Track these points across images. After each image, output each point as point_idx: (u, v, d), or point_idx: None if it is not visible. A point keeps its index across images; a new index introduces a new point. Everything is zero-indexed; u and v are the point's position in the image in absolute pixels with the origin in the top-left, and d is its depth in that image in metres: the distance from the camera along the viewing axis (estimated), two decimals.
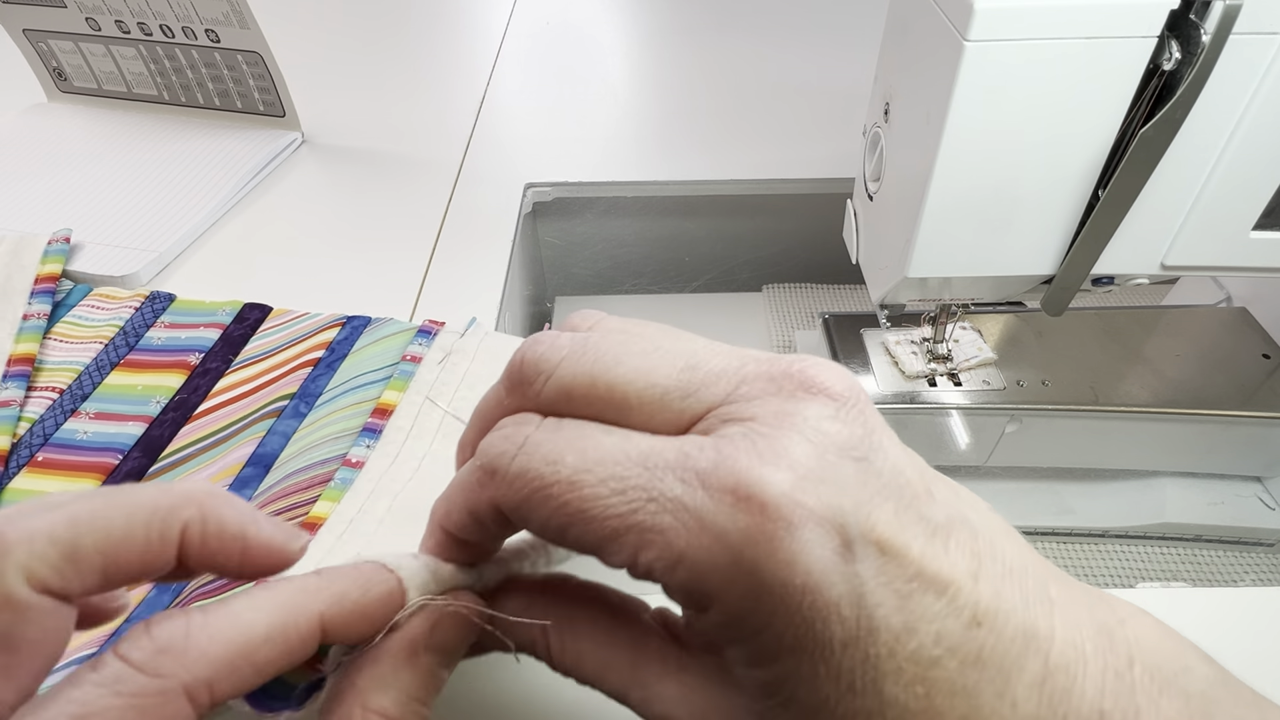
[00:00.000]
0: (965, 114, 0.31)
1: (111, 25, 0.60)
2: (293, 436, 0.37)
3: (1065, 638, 0.14)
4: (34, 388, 0.41)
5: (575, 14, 0.88)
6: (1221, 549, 0.51)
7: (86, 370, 0.42)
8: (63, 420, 0.39)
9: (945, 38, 0.30)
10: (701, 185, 0.62)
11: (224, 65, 0.61)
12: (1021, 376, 0.48)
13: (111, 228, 0.53)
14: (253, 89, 0.63)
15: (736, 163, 0.63)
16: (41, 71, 0.65)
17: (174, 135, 0.63)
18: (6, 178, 0.58)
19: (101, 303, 0.46)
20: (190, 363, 0.42)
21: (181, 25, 0.59)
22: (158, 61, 0.62)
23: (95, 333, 0.44)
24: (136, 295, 0.46)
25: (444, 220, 0.57)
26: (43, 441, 0.39)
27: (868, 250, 0.45)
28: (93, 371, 0.42)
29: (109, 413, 0.40)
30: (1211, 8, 0.28)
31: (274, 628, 0.16)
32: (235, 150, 0.62)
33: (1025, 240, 0.35)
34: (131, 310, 0.45)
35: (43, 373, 0.42)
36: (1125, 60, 0.30)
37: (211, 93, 0.64)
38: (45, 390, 0.41)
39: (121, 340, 0.44)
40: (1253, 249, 0.34)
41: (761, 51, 0.78)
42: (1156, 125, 0.30)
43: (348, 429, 0.36)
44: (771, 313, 0.68)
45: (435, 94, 0.72)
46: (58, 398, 0.40)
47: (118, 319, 0.45)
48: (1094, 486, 0.53)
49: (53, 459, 0.38)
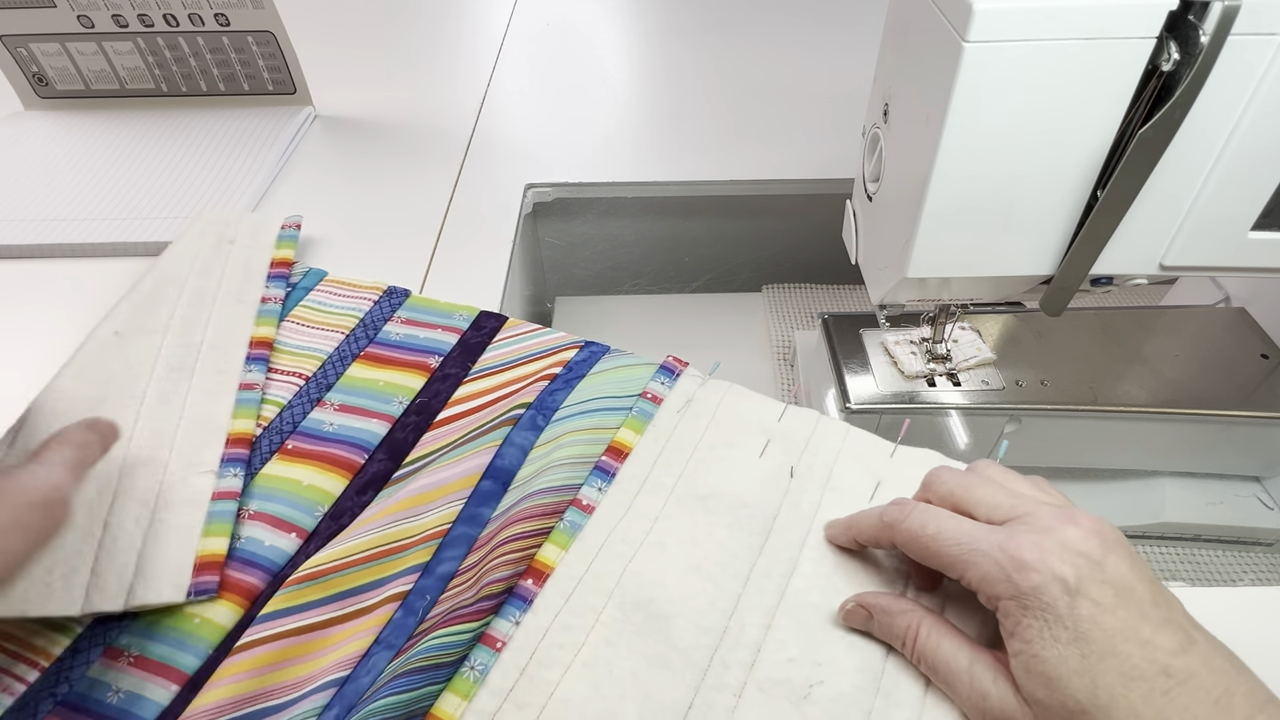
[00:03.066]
0: (964, 115, 0.31)
1: (107, 20, 0.60)
2: (530, 453, 0.37)
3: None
4: (275, 370, 0.42)
5: (575, 14, 0.88)
6: (1220, 549, 0.52)
7: (330, 359, 0.43)
8: (309, 408, 0.40)
9: (944, 39, 0.30)
10: (701, 185, 0.62)
11: (231, 48, 0.61)
12: (1020, 377, 0.48)
13: (169, 209, 0.55)
14: (261, 69, 0.63)
15: (736, 163, 0.63)
16: (19, 79, 0.64)
17: (185, 125, 0.63)
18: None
19: (338, 289, 0.47)
20: (430, 365, 0.42)
21: (189, 13, 0.60)
22: (157, 53, 0.62)
23: (335, 320, 0.45)
24: (374, 287, 0.47)
25: (444, 221, 0.57)
26: (291, 429, 0.39)
27: (867, 251, 0.45)
28: (335, 361, 0.43)
29: (353, 406, 0.40)
30: (1210, 9, 0.28)
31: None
32: (254, 130, 0.62)
33: (1024, 241, 0.35)
34: (369, 303, 0.46)
35: (283, 356, 0.43)
36: (1124, 61, 0.30)
37: (216, 78, 0.64)
38: (288, 375, 0.42)
39: (361, 332, 0.44)
40: (1251, 249, 0.34)
41: (761, 52, 0.78)
42: (1155, 126, 0.30)
43: (584, 455, 0.36)
44: (771, 313, 0.68)
45: (435, 94, 0.73)
46: (303, 384, 0.41)
47: (357, 310, 0.46)
48: (1093, 486, 0.53)
49: (301, 448, 0.38)
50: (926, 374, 0.48)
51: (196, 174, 0.58)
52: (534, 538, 0.33)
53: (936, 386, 0.48)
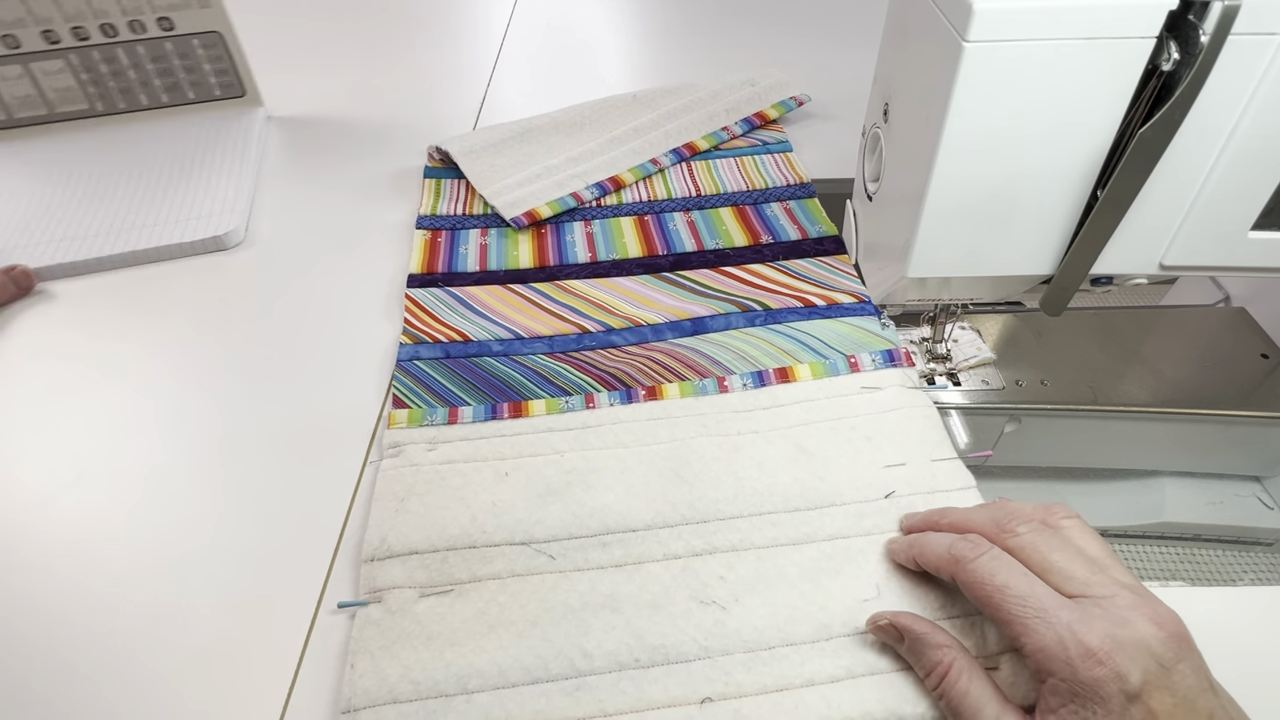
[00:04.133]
0: (964, 114, 0.31)
1: (36, 38, 0.55)
2: (729, 331, 0.45)
3: None
4: (692, 179, 0.59)
5: (575, 14, 0.88)
6: (1220, 548, 0.52)
7: (718, 197, 0.58)
8: (674, 207, 0.57)
9: (944, 38, 0.30)
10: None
11: (176, 55, 0.58)
12: (1020, 376, 0.48)
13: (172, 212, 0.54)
14: (208, 73, 0.60)
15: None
16: None
17: (129, 141, 0.59)
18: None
19: (783, 164, 0.60)
20: (761, 239, 0.53)
21: (129, 20, 0.56)
22: (91, 69, 0.58)
23: (756, 175, 0.59)
24: (801, 179, 0.58)
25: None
26: (648, 210, 0.57)
27: (867, 250, 0.45)
28: (718, 199, 0.58)
29: (693, 223, 0.55)
30: (1210, 8, 0.28)
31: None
32: (206, 138, 0.60)
33: (1024, 240, 0.35)
34: (786, 184, 0.58)
35: (703, 172, 0.60)
36: (1124, 61, 0.30)
37: (158, 89, 0.60)
38: (692, 182, 0.59)
39: (758, 196, 0.57)
40: (1251, 249, 0.34)
41: (761, 52, 0.78)
42: (1155, 126, 0.30)
43: (759, 359, 0.43)
44: None
45: (436, 95, 0.72)
46: (690, 195, 0.58)
47: (773, 181, 0.59)
48: (1093, 486, 0.53)
49: (646, 222, 0.56)
50: (926, 373, 0.48)
51: (159, 195, 0.55)
52: (674, 374, 0.43)
53: (936, 386, 0.48)
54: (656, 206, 0.56)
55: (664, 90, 0.64)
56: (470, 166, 0.58)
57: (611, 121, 0.62)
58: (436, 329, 0.46)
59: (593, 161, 0.58)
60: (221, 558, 0.36)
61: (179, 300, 0.50)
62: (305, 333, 0.48)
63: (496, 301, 0.49)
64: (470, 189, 0.57)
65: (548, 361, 0.44)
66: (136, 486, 0.39)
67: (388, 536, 0.35)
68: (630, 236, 0.54)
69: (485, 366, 0.44)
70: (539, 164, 0.58)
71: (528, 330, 0.46)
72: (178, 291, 0.51)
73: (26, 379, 0.45)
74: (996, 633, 0.31)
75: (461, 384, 0.43)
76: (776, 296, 0.48)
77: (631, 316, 0.47)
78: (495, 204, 0.55)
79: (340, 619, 0.34)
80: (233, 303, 0.50)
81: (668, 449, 0.39)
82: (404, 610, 0.33)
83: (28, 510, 0.38)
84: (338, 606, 0.34)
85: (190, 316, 0.49)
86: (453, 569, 0.34)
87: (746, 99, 0.63)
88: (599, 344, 0.45)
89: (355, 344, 0.47)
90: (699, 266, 0.51)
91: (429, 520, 0.35)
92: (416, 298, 0.48)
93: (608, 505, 0.36)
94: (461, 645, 0.32)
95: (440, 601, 0.33)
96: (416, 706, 0.30)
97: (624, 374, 0.43)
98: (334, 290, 0.50)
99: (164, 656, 0.33)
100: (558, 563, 0.34)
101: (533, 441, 0.39)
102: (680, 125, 0.61)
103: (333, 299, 0.50)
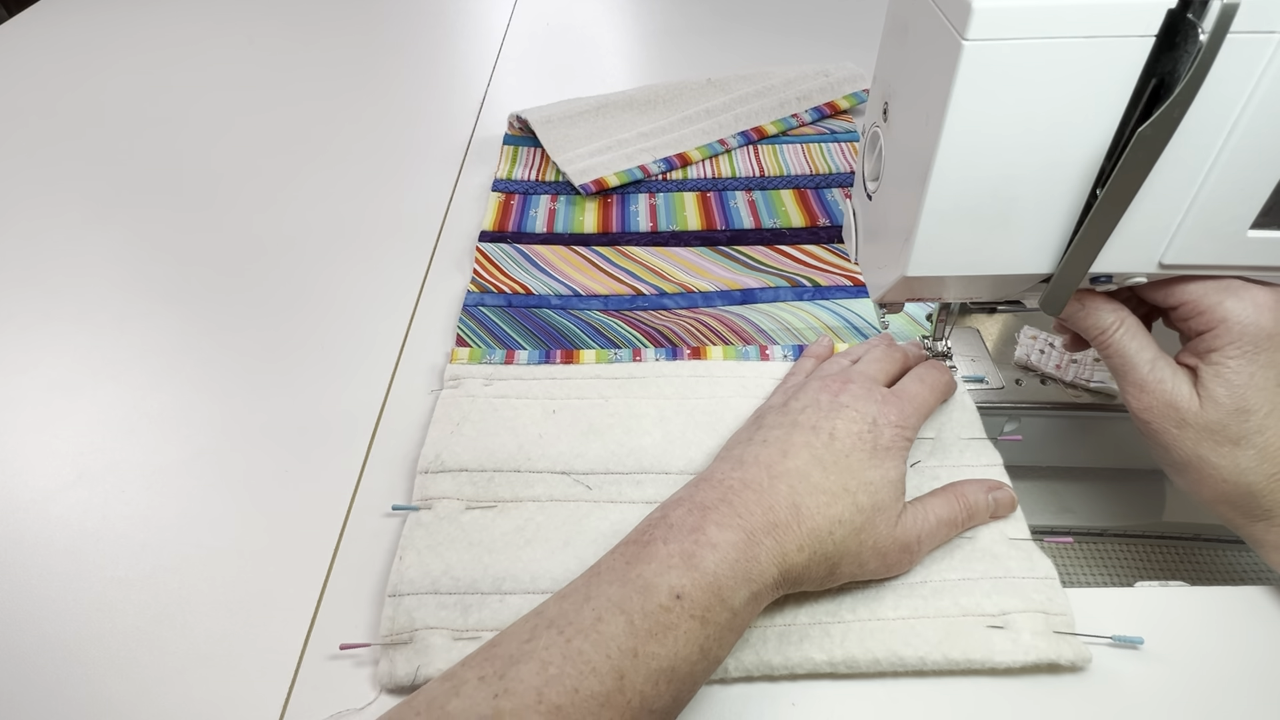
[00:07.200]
0: (964, 113, 0.31)
1: None
2: (777, 303, 0.48)
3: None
4: (757, 159, 0.62)
5: (575, 15, 0.88)
6: (1220, 548, 0.51)
7: (782, 179, 0.60)
8: (736, 185, 0.59)
9: (944, 37, 0.30)
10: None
11: None
12: (1020, 376, 0.48)
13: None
14: None
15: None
16: None
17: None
18: None
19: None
20: (819, 220, 0.55)
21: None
22: None
23: (820, 161, 0.61)
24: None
25: (444, 221, 0.57)
26: (711, 186, 0.59)
27: (866, 250, 0.45)
28: (781, 180, 0.60)
29: (754, 202, 0.57)
30: (1209, 7, 0.28)
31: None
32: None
33: (1024, 239, 0.35)
34: (849, 169, 0.60)
35: (768, 155, 0.62)
36: (1123, 59, 0.30)
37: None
38: (757, 162, 0.61)
39: (820, 180, 0.60)
40: (1250, 248, 0.34)
41: (761, 52, 0.78)
42: (1154, 124, 0.30)
43: (803, 332, 0.46)
44: None
45: (436, 95, 0.73)
46: (754, 176, 0.60)
47: (838, 166, 0.61)
48: (1093, 486, 0.53)
49: (707, 196, 0.58)
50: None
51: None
52: (720, 338, 0.46)
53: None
54: (720, 184, 0.58)
55: (739, 75, 0.67)
56: (547, 135, 0.61)
57: (685, 102, 0.64)
58: (503, 280, 0.50)
59: (663, 138, 0.61)
60: (221, 557, 0.36)
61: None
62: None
63: (559, 260, 0.52)
64: (545, 157, 0.60)
65: (601, 317, 0.47)
66: (137, 485, 0.39)
67: (441, 453, 0.38)
68: (691, 210, 0.56)
69: (543, 317, 0.47)
70: (611, 137, 0.61)
71: (585, 289, 0.49)
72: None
73: (27, 378, 0.45)
74: (994, 597, 0.33)
75: (520, 330, 0.46)
76: (828, 275, 0.50)
77: (685, 283, 0.50)
78: (566, 171, 0.58)
79: (340, 619, 0.34)
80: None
81: (707, 404, 0.41)
82: (451, 518, 0.36)
83: (28, 509, 0.39)
84: (392, 509, 0.37)
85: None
86: (498, 488, 0.37)
87: (819, 88, 0.65)
88: (651, 305, 0.49)
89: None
90: (755, 244, 0.54)
91: (480, 444, 0.39)
92: (486, 251, 0.52)
93: (645, 447, 0.39)
94: (499, 554, 0.35)
95: (484, 515, 0.36)
96: (455, 599, 0.33)
97: (671, 332, 0.46)
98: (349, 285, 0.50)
99: (164, 656, 0.33)
100: (594, 493, 0.37)
101: (580, 386, 0.42)
102: (752, 109, 0.63)
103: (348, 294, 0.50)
